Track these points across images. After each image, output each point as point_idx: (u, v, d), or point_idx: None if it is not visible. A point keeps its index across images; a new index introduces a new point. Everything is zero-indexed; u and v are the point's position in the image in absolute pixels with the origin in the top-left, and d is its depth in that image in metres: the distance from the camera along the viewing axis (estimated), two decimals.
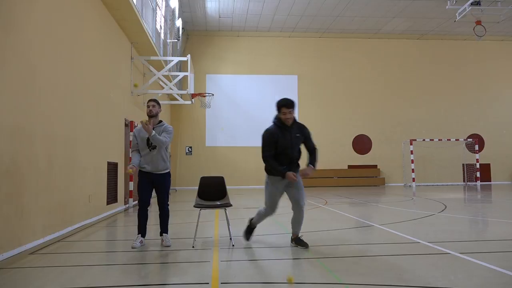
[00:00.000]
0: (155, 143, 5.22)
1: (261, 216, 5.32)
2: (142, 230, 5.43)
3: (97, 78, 8.65)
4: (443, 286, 3.41)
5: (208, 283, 3.60)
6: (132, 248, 5.20)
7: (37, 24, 5.83)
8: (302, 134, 5.14)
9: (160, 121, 5.51)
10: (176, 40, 18.72)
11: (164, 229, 5.49)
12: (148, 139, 5.28)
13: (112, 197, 9.80)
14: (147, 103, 5.50)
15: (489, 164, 23.01)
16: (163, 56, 15.61)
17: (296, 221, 5.14)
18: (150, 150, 5.31)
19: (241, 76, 22.39)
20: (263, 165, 5.09)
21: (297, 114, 20.70)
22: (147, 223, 5.52)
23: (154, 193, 5.60)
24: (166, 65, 14.32)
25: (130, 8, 9.65)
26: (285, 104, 4.91)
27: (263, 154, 4.94)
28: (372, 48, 23.23)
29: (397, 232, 6.14)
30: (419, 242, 5.31)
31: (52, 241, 5.80)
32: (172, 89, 13.79)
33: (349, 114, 22.77)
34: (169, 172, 5.51)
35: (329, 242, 5.67)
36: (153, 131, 5.19)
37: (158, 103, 5.56)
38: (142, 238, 5.42)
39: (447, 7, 17.14)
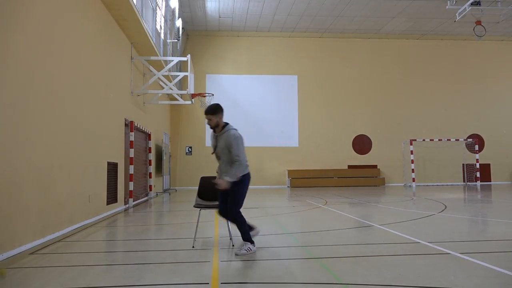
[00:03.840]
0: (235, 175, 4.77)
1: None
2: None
3: (97, 78, 8.65)
4: (443, 286, 3.41)
5: (208, 283, 3.60)
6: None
7: (36, 24, 5.83)
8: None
9: (223, 127, 4.90)
10: (176, 40, 18.72)
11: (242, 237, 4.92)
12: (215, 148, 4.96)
13: (112, 197, 9.80)
14: (205, 114, 4.94)
15: (489, 164, 23.02)
16: (163, 56, 15.62)
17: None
18: (218, 160, 5.02)
19: (241, 76, 22.40)
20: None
21: (297, 114, 20.64)
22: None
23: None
24: (166, 65, 14.32)
25: (130, 8, 9.65)
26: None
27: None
28: (372, 48, 23.24)
29: (397, 232, 6.14)
30: (419, 242, 5.31)
31: (52, 241, 5.80)
32: (172, 89, 13.79)
33: (349, 114, 22.78)
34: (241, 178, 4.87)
35: (329, 242, 5.67)
36: (227, 178, 4.72)
37: (213, 112, 4.83)
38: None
39: (447, 7, 17.14)
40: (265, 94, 22.33)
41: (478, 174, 21.45)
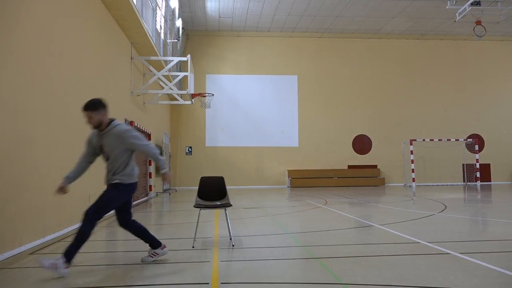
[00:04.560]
0: (163, 164, 4.28)
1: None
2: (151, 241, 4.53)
3: (97, 78, 8.65)
4: (443, 286, 3.41)
5: (208, 283, 3.60)
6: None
7: (37, 24, 5.83)
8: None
9: (109, 124, 4.31)
10: (176, 40, 18.72)
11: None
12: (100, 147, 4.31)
13: None
14: (83, 111, 4.29)
15: (489, 164, 23.02)
16: (163, 56, 15.62)
17: None
18: (106, 160, 4.37)
19: (241, 76, 22.40)
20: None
21: (297, 114, 20.69)
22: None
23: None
24: (166, 65, 14.32)
25: (130, 8, 9.65)
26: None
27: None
28: (372, 48, 23.23)
29: (397, 232, 6.14)
30: (419, 242, 5.31)
31: (52, 241, 5.80)
32: (172, 89, 13.79)
33: (349, 114, 22.77)
34: (115, 184, 4.25)
35: (329, 242, 5.67)
36: (164, 170, 4.30)
37: (94, 108, 4.23)
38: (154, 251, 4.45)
39: (447, 7, 17.14)
40: (265, 94, 22.33)
41: (478, 174, 21.44)
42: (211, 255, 4.74)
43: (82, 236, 4.01)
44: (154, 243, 4.50)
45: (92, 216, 4.10)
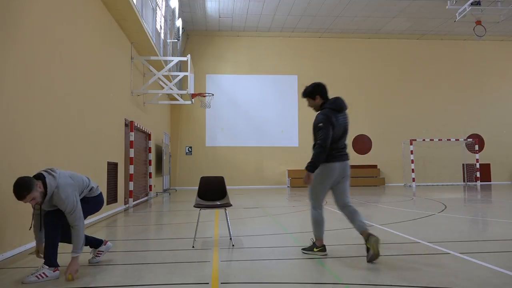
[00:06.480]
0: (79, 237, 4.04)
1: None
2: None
3: (97, 78, 8.65)
4: (443, 286, 3.41)
5: (208, 283, 3.60)
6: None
7: (36, 24, 5.83)
8: None
9: (46, 188, 3.99)
10: (176, 40, 18.72)
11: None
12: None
13: (112, 197, 9.80)
14: (21, 200, 3.90)
15: (489, 164, 23.02)
16: (163, 56, 15.62)
17: None
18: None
19: (241, 76, 22.40)
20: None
21: (297, 114, 20.78)
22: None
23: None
24: (166, 65, 14.32)
25: (130, 8, 9.65)
26: None
27: None
28: (372, 48, 23.24)
29: (397, 232, 6.14)
30: (419, 242, 5.31)
31: None
32: (172, 89, 13.79)
33: (349, 114, 22.68)
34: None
35: (330, 242, 5.66)
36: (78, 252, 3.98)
37: (29, 190, 3.85)
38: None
39: (447, 7, 17.15)
40: (265, 94, 22.34)
41: (478, 174, 21.45)
42: (211, 255, 4.74)
43: (54, 240, 4.10)
44: (96, 243, 4.56)
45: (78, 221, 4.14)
